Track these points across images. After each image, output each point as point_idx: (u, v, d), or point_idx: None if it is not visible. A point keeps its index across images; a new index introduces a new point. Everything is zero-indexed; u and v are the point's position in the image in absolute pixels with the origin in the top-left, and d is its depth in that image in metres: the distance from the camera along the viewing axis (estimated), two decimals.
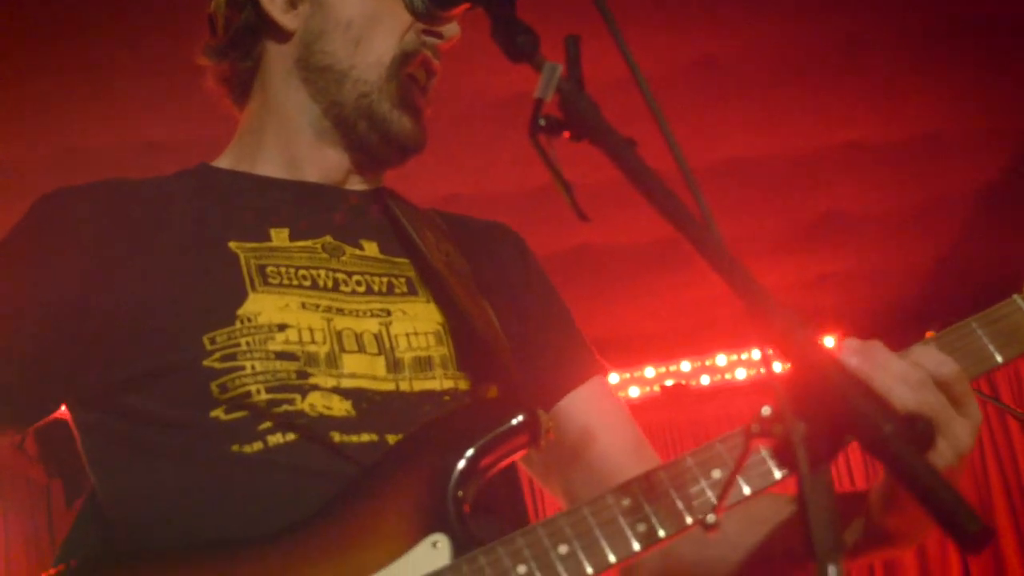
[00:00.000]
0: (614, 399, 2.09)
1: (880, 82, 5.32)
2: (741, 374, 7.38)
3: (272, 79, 1.97)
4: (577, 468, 1.99)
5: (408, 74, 1.93)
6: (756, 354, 7.27)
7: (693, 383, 7.43)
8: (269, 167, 1.96)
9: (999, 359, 1.77)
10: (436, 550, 1.62)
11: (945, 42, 5.10)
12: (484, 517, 1.71)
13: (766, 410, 1.19)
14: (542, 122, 1.35)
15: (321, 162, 1.96)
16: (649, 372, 7.40)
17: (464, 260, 1.98)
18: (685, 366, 7.42)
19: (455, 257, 1.97)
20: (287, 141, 1.96)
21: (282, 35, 1.95)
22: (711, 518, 1.54)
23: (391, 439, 1.75)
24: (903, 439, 1.07)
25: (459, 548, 1.62)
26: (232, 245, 1.83)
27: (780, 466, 1.26)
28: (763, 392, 7.11)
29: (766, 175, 5.83)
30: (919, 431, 1.08)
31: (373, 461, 1.71)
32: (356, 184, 1.99)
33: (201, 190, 1.93)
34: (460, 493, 1.65)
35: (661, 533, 1.62)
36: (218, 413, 1.71)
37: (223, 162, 2.01)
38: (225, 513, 1.66)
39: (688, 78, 5.01)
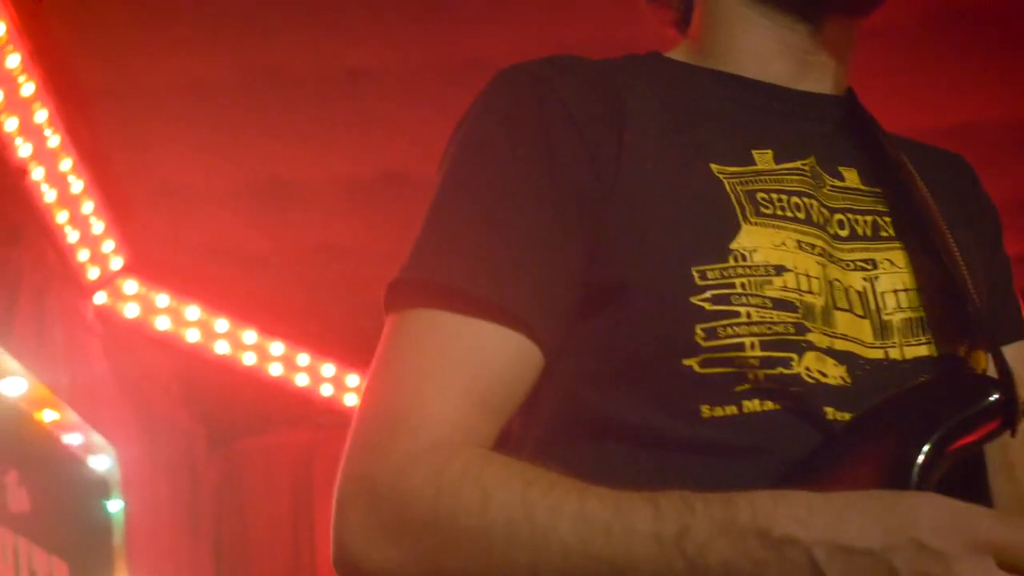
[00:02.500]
0: None
1: None
2: None
3: None
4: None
5: None
6: None
7: None
8: (730, 62, 1.66)
9: None
10: None
11: None
12: None
13: None
14: None
15: (780, 51, 1.64)
16: None
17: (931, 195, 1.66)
18: None
19: (927, 191, 1.64)
20: (736, 29, 1.64)
21: None
22: None
23: None
24: None
25: None
26: (713, 167, 1.56)
27: None
28: None
29: None
30: None
31: (823, 440, 1.44)
32: (819, 81, 1.68)
33: (665, 85, 1.63)
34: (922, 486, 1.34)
35: None
36: (692, 363, 1.42)
37: (678, 54, 1.63)
38: (669, 477, 1.36)
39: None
